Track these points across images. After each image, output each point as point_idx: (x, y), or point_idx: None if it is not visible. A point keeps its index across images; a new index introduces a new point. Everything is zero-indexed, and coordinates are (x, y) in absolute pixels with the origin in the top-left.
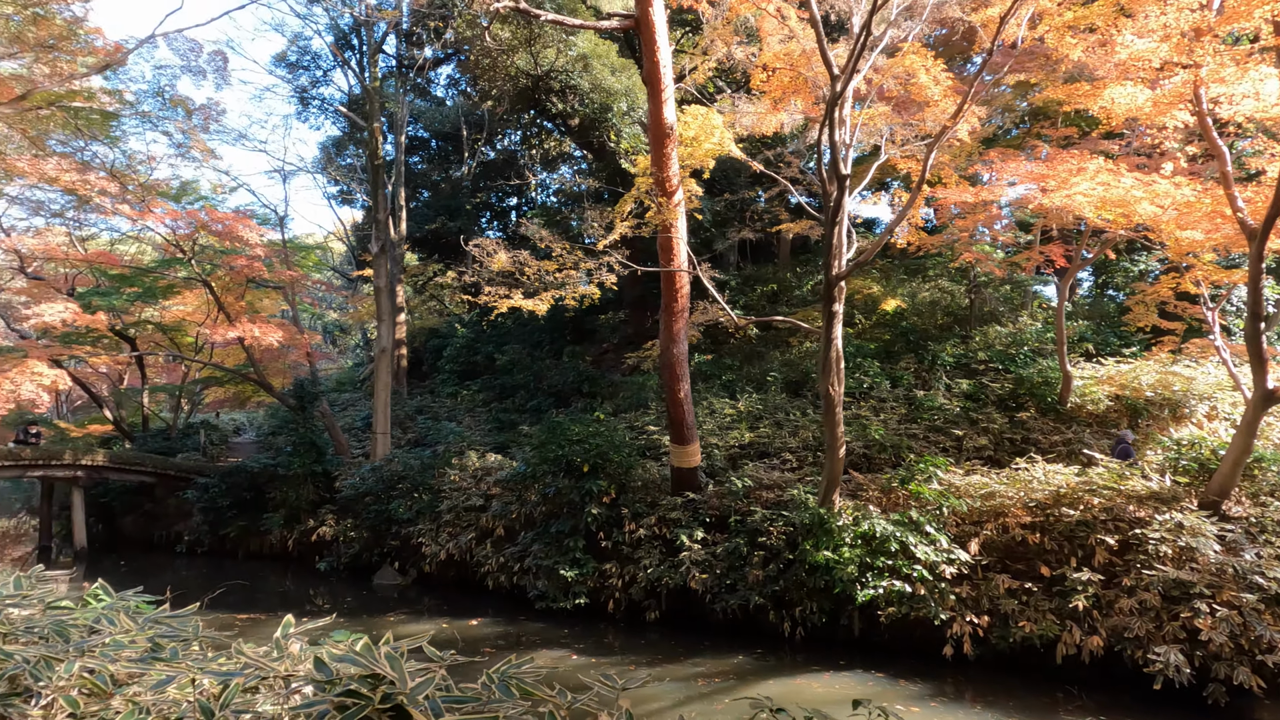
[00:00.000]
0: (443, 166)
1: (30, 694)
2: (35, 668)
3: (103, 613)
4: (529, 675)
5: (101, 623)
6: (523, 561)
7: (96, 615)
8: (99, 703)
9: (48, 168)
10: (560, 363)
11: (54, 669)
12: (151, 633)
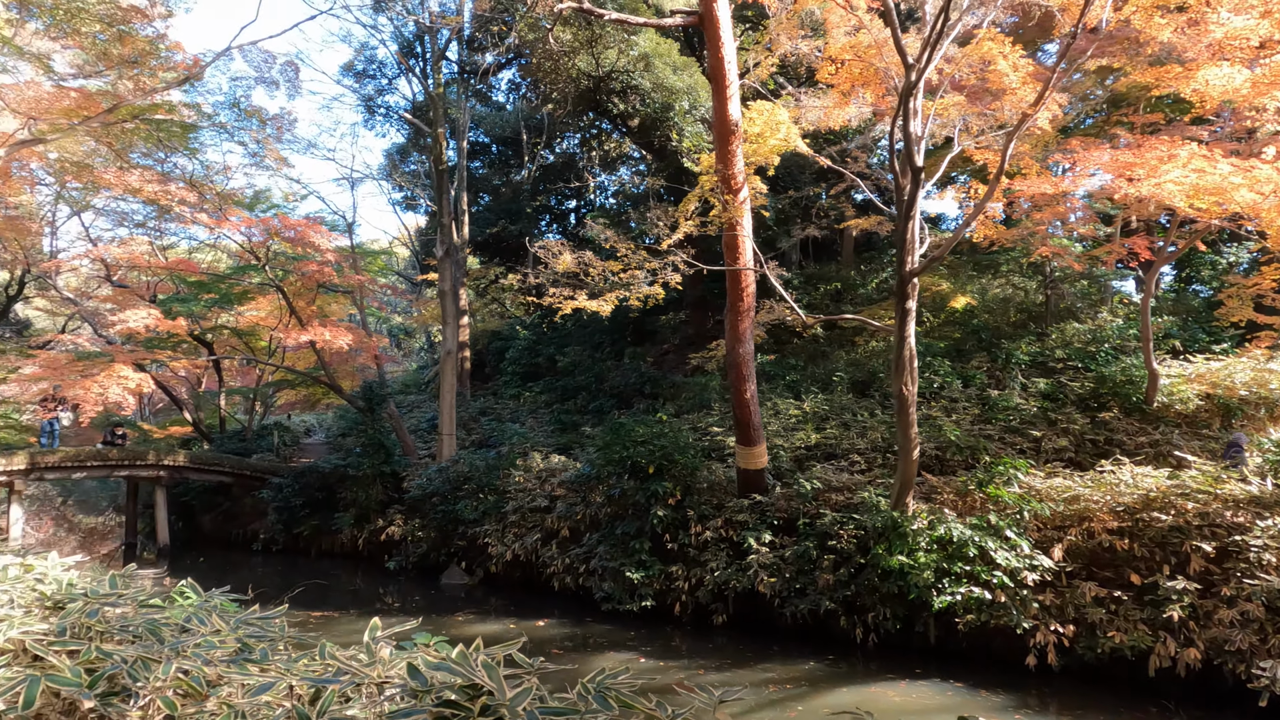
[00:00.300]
0: (503, 171)
1: (128, 693)
2: (133, 668)
3: (193, 612)
4: (624, 685)
5: (192, 622)
6: (588, 563)
7: (187, 614)
8: (194, 705)
9: (132, 179)
10: (621, 364)
11: (151, 669)
12: (241, 633)
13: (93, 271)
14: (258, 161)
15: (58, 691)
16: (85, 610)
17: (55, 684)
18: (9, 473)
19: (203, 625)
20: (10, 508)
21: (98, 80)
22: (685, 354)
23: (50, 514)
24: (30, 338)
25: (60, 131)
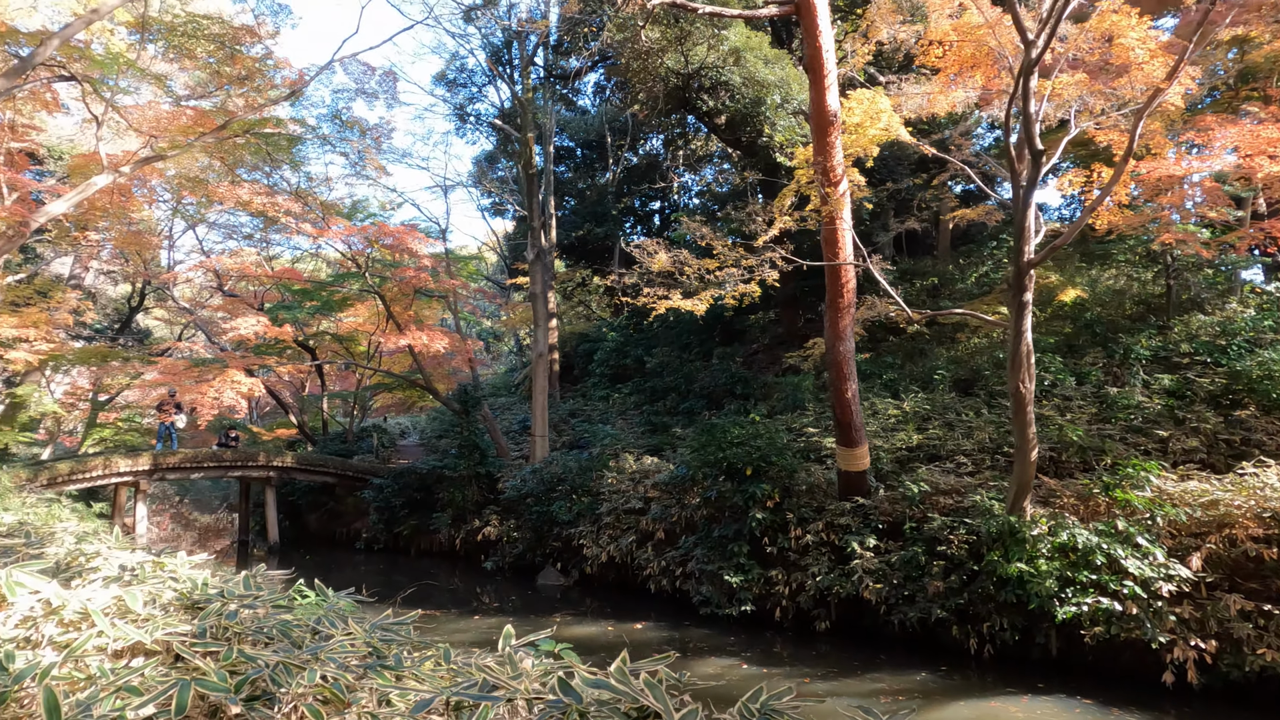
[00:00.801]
0: (588, 174)
1: (269, 698)
2: (274, 672)
3: (322, 614)
4: (788, 708)
5: (323, 624)
6: (685, 566)
7: (316, 616)
8: (337, 713)
9: (242, 193)
10: (710, 364)
11: (293, 675)
12: (375, 637)
13: (205, 282)
14: (358, 171)
15: (204, 695)
16: (223, 611)
17: (203, 689)
18: (135, 473)
19: (333, 628)
20: (136, 506)
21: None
22: (776, 353)
23: (169, 511)
24: (150, 346)
25: (179, 148)
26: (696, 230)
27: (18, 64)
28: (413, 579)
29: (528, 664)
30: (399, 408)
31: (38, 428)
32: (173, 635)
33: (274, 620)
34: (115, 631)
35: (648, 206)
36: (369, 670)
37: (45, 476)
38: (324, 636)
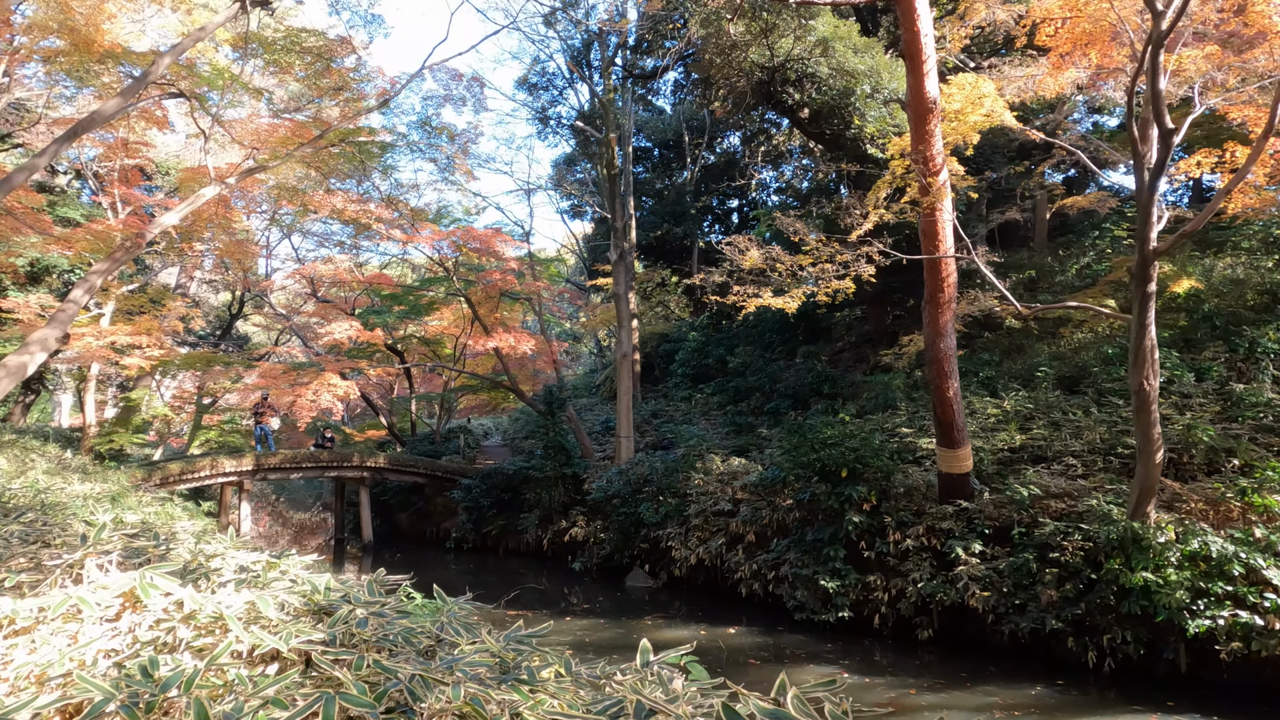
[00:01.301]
0: (664, 174)
1: (405, 711)
2: (412, 685)
3: (445, 621)
4: None
5: (447, 631)
6: (777, 570)
7: (439, 623)
8: None
9: (335, 201)
10: (794, 364)
11: (431, 689)
12: (504, 647)
13: (298, 289)
14: (445, 176)
15: (346, 710)
16: (352, 618)
17: (346, 702)
18: (239, 473)
19: (457, 635)
20: (241, 504)
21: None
22: (862, 351)
23: (267, 510)
24: (249, 351)
25: (279, 159)
26: (789, 225)
27: (132, 83)
28: (501, 579)
29: (678, 684)
30: (481, 409)
31: (149, 430)
32: (309, 644)
33: (397, 627)
34: (250, 637)
35: (726, 205)
36: (504, 684)
37: (158, 476)
38: (448, 644)
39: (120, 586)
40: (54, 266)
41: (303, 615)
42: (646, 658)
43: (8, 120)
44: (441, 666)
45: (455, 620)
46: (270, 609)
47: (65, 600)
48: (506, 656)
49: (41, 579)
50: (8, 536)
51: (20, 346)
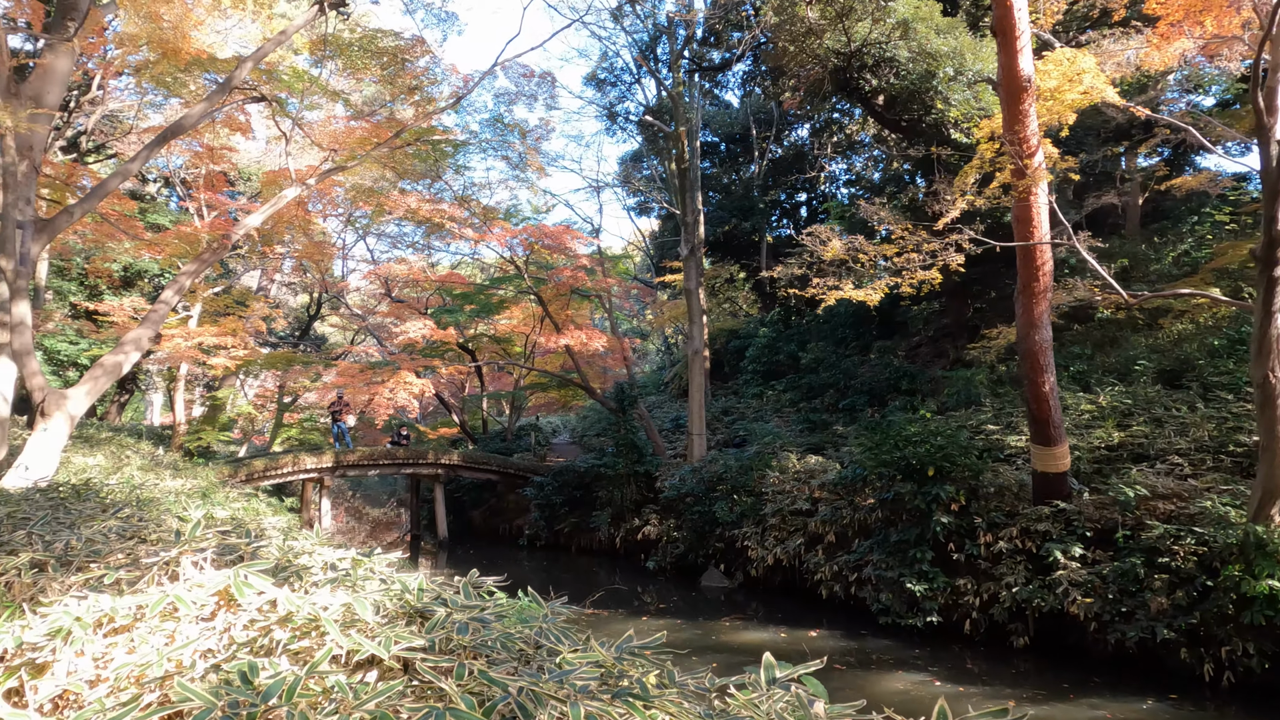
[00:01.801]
0: (732, 168)
1: None
2: (521, 699)
3: (545, 627)
4: None
5: (546, 637)
6: (859, 571)
7: (537, 629)
8: None
9: (410, 202)
10: (869, 359)
11: (542, 704)
12: (615, 656)
13: (372, 290)
14: (518, 174)
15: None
16: (450, 623)
17: (455, 718)
18: (319, 470)
19: (558, 643)
20: (321, 500)
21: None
22: (940, 346)
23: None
24: (326, 351)
25: (356, 159)
26: (874, 214)
27: (217, 88)
28: (575, 577)
29: (820, 708)
30: (549, 407)
31: (233, 428)
32: (410, 651)
33: (495, 632)
34: (348, 642)
35: (794, 199)
36: (617, 699)
37: (244, 473)
38: (548, 651)
39: (215, 585)
40: (145, 271)
41: (398, 618)
42: (772, 673)
43: (102, 131)
44: (550, 679)
45: (554, 626)
46: (367, 612)
47: (163, 599)
48: (618, 668)
49: (139, 576)
50: (106, 532)
51: (116, 346)
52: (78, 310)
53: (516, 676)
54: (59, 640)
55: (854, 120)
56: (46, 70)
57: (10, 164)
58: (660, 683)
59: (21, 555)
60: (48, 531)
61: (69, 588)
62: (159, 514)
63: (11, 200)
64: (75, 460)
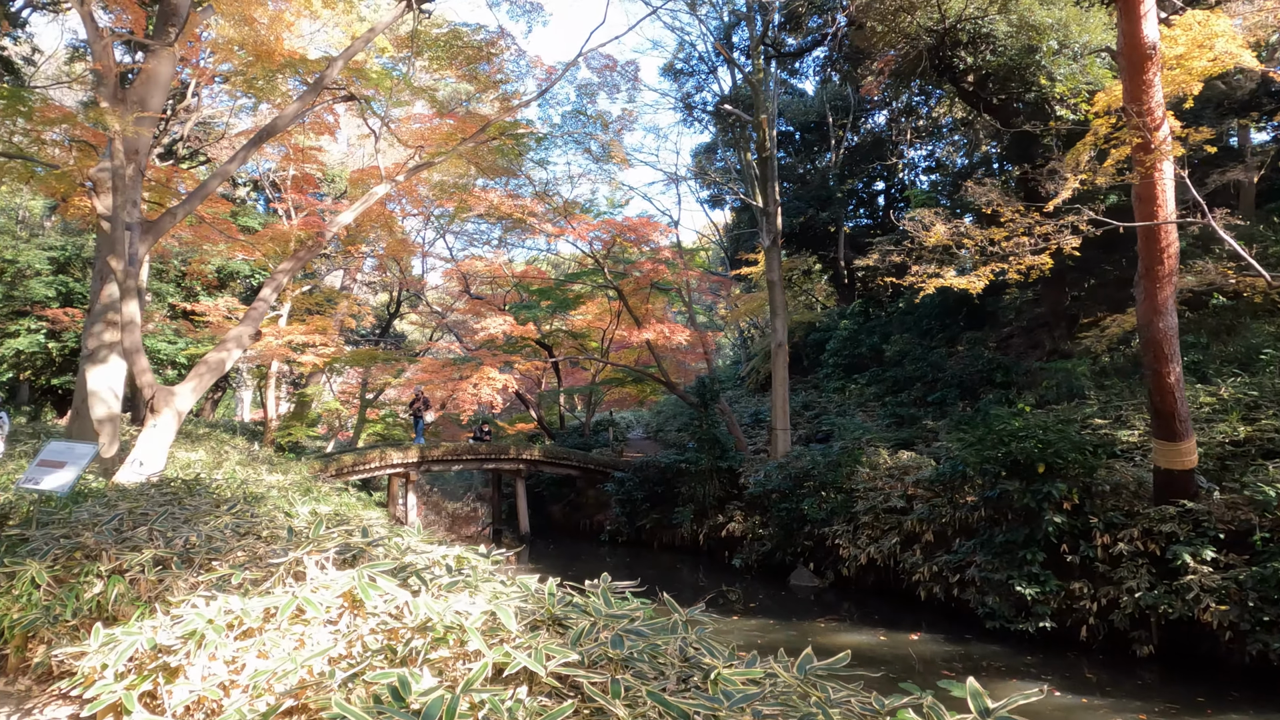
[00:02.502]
0: (806, 158)
1: None
2: None
3: (687, 637)
4: None
5: (702, 654)
6: (961, 572)
7: (681, 640)
8: None
9: (492, 197)
10: (957, 352)
11: None
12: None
13: (449, 288)
14: (601, 165)
15: None
16: (595, 632)
17: None
18: (405, 464)
19: (714, 656)
20: (407, 495)
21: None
22: (1035, 336)
23: (423, 499)
24: (406, 348)
25: (443, 154)
26: (982, 195)
27: (309, 88)
28: (659, 574)
29: None
30: (622, 403)
31: (319, 424)
32: (568, 668)
33: (643, 645)
34: (495, 654)
35: (871, 188)
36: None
37: (333, 467)
38: (694, 664)
39: (341, 586)
40: (237, 272)
41: (536, 626)
42: (981, 703)
43: (197, 138)
44: (730, 705)
45: (702, 637)
46: (511, 620)
47: (292, 601)
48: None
49: (264, 576)
50: (222, 528)
51: (219, 344)
52: (176, 311)
53: (691, 700)
54: (192, 643)
55: (938, 103)
56: (150, 75)
57: (119, 167)
58: (818, 699)
59: (145, 551)
60: (168, 528)
61: (194, 586)
62: (269, 510)
63: (120, 202)
64: (179, 455)
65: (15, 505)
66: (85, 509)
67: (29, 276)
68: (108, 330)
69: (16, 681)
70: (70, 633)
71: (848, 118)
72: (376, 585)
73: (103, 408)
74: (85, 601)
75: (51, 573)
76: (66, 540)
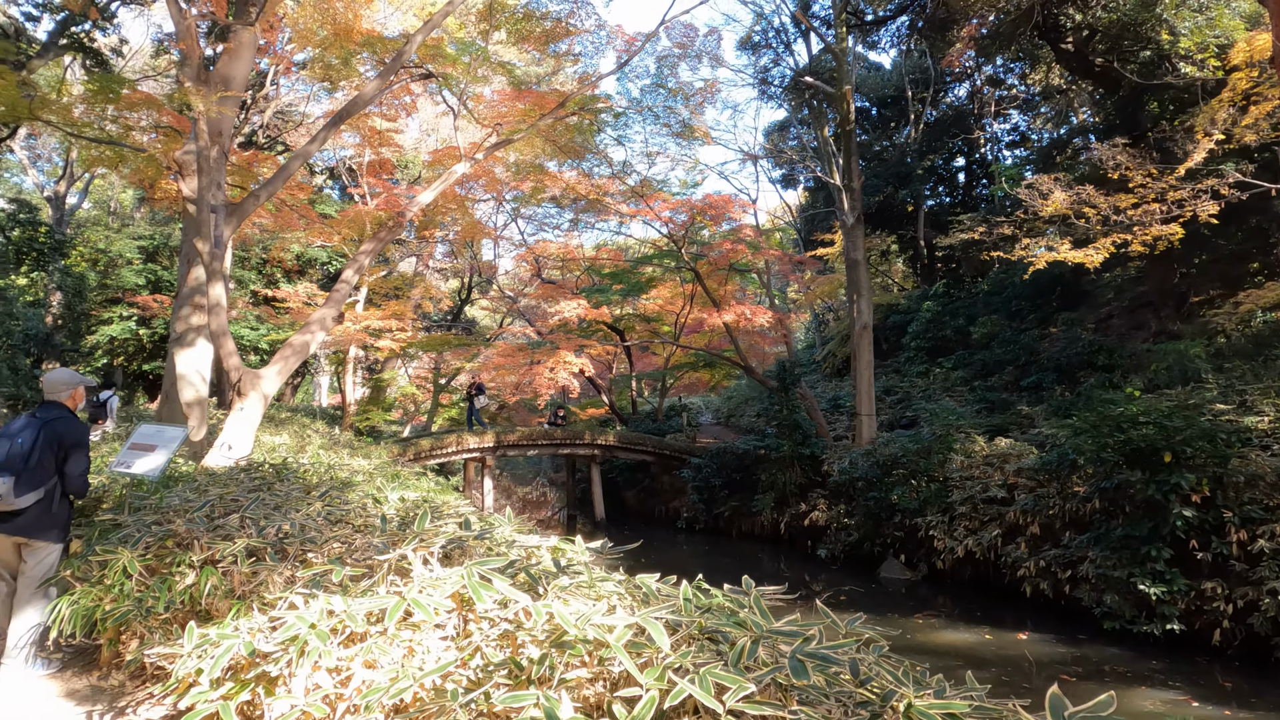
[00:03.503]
0: (883, 134)
1: None
2: None
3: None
4: None
5: (878, 675)
6: (1073, 568)
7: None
8: None
9: (568, 176)
10: (1050, 333)
11: None
12: None
13: (519, 274)
14: (679, 141)
15: None
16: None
17: None
18: (482, 449)
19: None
20: (484, 480)
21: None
22: (1139, 317)
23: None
24: (477, 334)
25: (522, 130)
26: (1110, 158)
27: (388, 64)
28: (737, 562)
29: None
30: (691, 388)
31: (393, 408)
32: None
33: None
34: (654, 681)
35: (950, 165)
36: None
37: (411, 452)
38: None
39: (449, 586)
40: (315, 259)
41: (686, 641)
42: None
43: (275, 127)
44: None
45: (879, 659)
46: (662, 637)
47: (400, 604)
48: None
49: (363, 573)
50: (314, 516)
51: (303, 327)
52: (258, 297)
53: None
54: (294, 650)
55: (1030, 71)
56: (232, 55)
57: (203, 148)
58: None
59: (237, 541)
60: (259, 515)
61: (289, 581)
62: (359, 497)
63: (205, 184)
64: (264, 439)
65: (108, 489)
66: (176, 494)
67: (120, 265)
68: (194, 313)
69: (110, 676)
70: (162, 626)
71: (927, 91)
72: (490, 585)
73: (191, 391)
74: (178, 594)
75: (143, 561)
76: (158, 527)
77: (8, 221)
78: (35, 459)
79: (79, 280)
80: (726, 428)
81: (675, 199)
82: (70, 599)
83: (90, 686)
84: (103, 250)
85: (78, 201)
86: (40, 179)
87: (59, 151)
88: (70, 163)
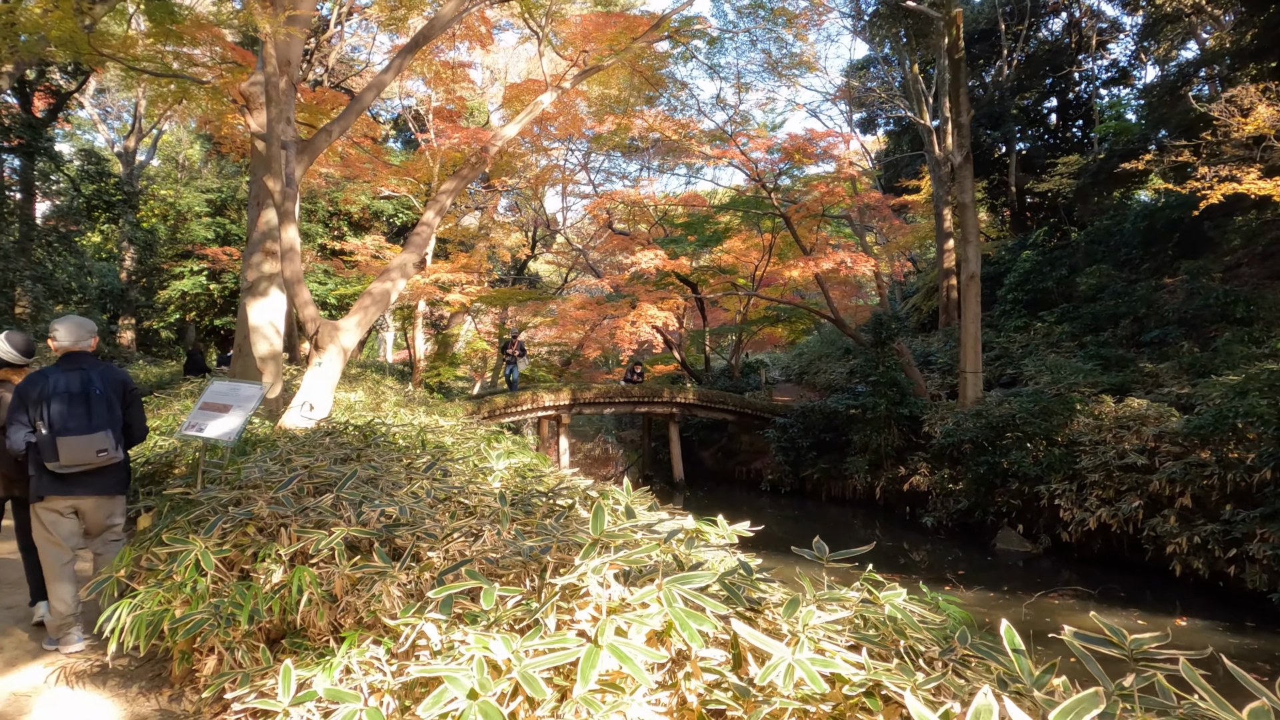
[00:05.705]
0: (972, 73)
1: None
2: None
3: None
4: None
5: None
6: (1238, 546)
7: None
8: None
9: (651, 114)
10: (1166, 284)
11: None
12: None
13: (580, 227)
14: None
15: None
16: None
17: None
18: (557, 407)
19: None
20: (559, 439)
21: None
22: (1275, 264)
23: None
24: (540, 289)
25: (615, 55)
26: None
27: None
28: (829, 529)
29: None
30: (759, 345)
31: (460, 364)
32: None
33: None
34: None
35: (1042, 105)
36: None
37: (485, 409)
38: None
39: (650, 620)
40: (381, 212)
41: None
42: None
43: (340, 73)
44: None
45: None
46: None
47: (595, 654)
48: None
49: (526, 595)
50: (418, 494)
51: (382, 274)
52: (326, 251)
53: None
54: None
55: None
56: None
57: (271, 75)
58: None
59: (334, 531)
60: (357, 495)
61: (410, 596)
62: (465, 468)
63: (275, 115)
64: (340, 396)
65: (180, 453)
66: (255, 464)
67: (189, 219)
68: (267, 260)
69: (183, 697)
70: (245, 641)
71: (1021, 24)
72: (703, 616)
73: (265, 344)
74: (263, 598)
75: (219, 553)
76: (236, 509)
77: (80, 175)
78: (117, 412)
79: (149, 235)
80: (800, 385)
81: (768, 138)
82: (132, 602)
83: (160, 711)
84: (171, 204)
85: (147, 157)
86: (110, 135)
87: (127, 108)
88: (139, 118)
